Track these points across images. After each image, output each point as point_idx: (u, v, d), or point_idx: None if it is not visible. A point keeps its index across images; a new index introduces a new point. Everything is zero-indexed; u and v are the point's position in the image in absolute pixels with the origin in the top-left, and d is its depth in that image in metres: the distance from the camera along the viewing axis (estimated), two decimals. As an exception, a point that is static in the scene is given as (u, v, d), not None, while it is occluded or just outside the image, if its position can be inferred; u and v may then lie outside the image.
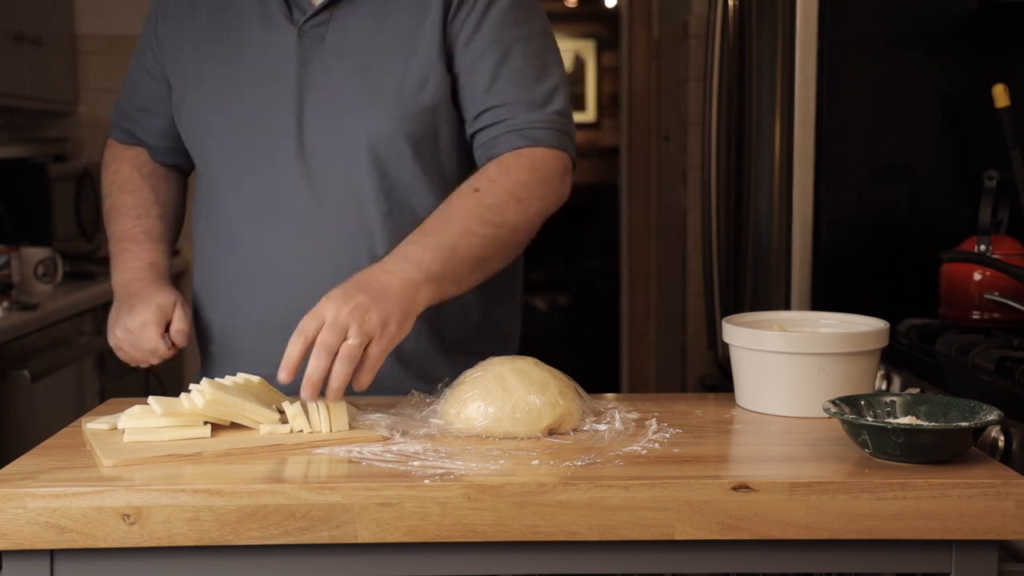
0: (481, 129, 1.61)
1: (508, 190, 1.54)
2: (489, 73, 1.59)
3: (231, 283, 1.67)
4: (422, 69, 1.58)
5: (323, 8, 1.59)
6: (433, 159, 1.62)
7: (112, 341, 1.65)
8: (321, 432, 1.33)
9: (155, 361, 1.64)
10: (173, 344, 1.62)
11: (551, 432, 1.34)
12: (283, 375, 1.34)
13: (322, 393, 1.33)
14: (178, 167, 1.83)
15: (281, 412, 1.37)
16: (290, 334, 1.37)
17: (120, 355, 1.66)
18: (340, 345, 1.35)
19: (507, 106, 1.59)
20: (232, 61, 1.63)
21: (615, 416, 1.39)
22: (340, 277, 1.46)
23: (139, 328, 1.60)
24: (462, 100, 1.62)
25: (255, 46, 1.62)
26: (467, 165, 1.64)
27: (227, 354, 1.70)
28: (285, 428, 1.34)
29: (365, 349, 1.36)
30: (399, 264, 1.45)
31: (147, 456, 1.24)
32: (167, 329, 1.61)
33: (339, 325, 1.35)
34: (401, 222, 1.59)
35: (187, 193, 1.85)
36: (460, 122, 1.63)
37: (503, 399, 1.33)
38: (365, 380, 1.37)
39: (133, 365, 1.68)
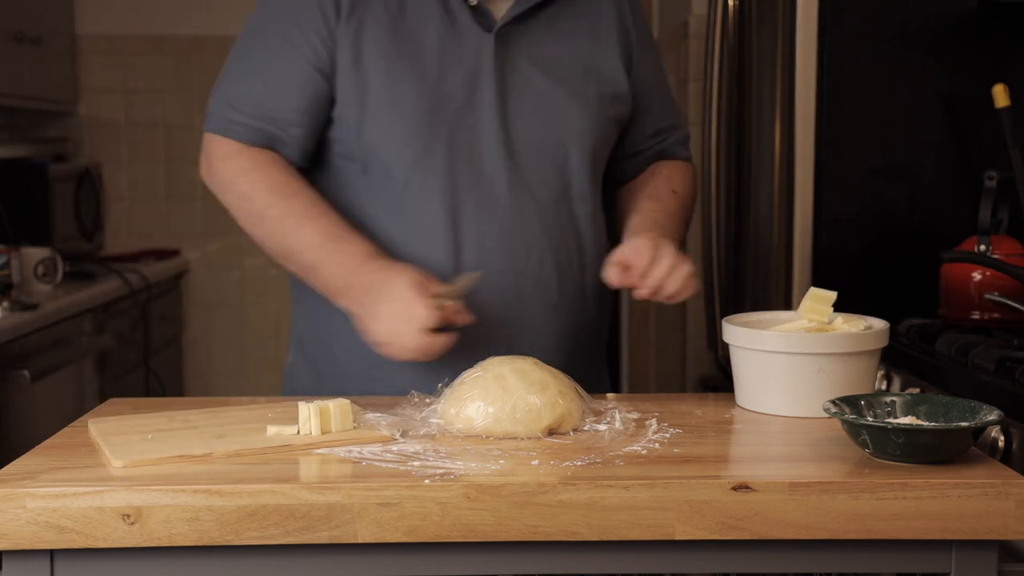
0: (655, 137, 1.80)
1: (691, 199, 1.80)
2: (658, 88, 1.79)
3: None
4: (611, 76, 1.71)
5: (512, 20, 1.63)
6: (606, 160, 1.75)
7: (379, 338, 1.50)
8: (331, 432, 1.33)
9: (433, 347, 1.48)
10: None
11: (551, 432, 1.34)
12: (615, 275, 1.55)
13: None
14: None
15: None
16: (507, 331, 1.60)
17: (391, 351, 1.51)
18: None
19: (674, 119, 1.83)
20: (424, 62, 1.60)
21: (615, 416, 1.39)
22: (551, 276, 1.64)
23: (423, 309, 1.46)
24: (642, 108, 1.77)
25: (450, 49, 1.61)
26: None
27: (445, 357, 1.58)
28: (292, 429, 1.34)
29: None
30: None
31: (157, 457, 1.24)
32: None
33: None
34: (599, 221, 1.72)
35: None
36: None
37: (503, 399, 1.33)
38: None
39: (407, 358, 1.50)
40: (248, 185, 1.60)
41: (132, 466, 1.22)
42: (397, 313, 1.47)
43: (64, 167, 3.67)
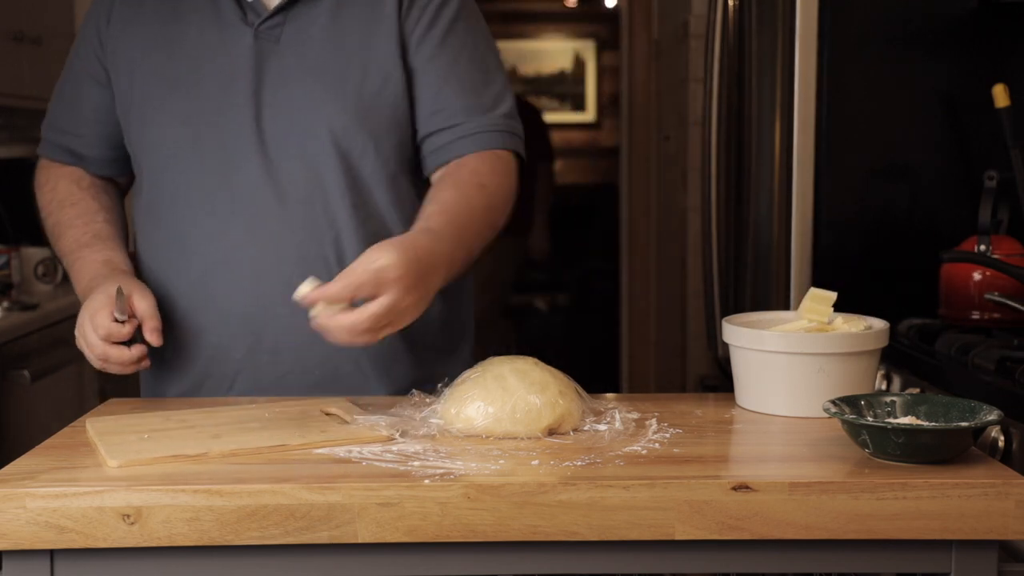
0: (434, 132, 1.65)
1: (503, 196, 1.64)
2: (440, 77, 1.64)
3: (191, 286, 1.65)
4: (382, 67, 1.62)
5: (278, 10, 1.61)
6: (399, 153, 1.65)
7: (85, 352, 1.57)
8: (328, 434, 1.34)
9: (123, 360, 1.53)
10: (130, 321, 1.53)
11: (551, 432, 1.34)
12: (302, 296, 1.36)
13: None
14: (114, 181, 1.80)
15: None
16: (250, 327, 1.57)
17: (95, 364, 1.56)
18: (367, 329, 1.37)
19: (458, 111, 1.64)
20: (185, 62, 1.63)
21: (615, 416, 1.39)
22: (303, 270, 1.51)
23: (89, 319, 1.54)
24: (414, 99, 1.65)
25: (209, 47, 1.62)
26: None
27: (186, 358, 1.67)
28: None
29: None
30: (441, 245, 1.48)
31: (152, 456, 1.24)
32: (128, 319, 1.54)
33: (384, 320, 1.37)
34: (366, 215, 1.62)
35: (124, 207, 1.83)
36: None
37: (503, 399, 1.33)
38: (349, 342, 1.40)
39: (110, 371, 1.56)
40: (41, 196, 1.77)
41: (127, 466, 1.22)
42: (82, 325, 1.56)
43: (64, 167, 3.66)
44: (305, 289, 1.37)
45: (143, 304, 1.55)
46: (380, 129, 1.63)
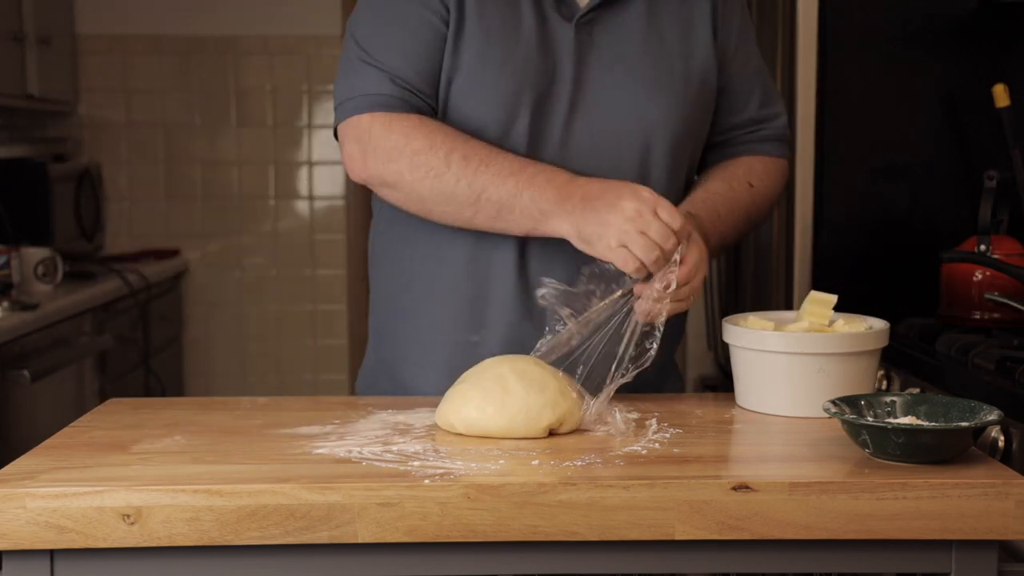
0: (732, 138, 1.74)
1: (769, 197, 1.73)
2: (748, 88, 1.73)
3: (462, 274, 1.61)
4: (701, 67, 1.65)
5: (592, 8, 1.59)
6: (696, 151, 1.70)
7: (626, 226, 1.44)
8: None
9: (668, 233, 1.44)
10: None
11: (551, 432, 1.34)
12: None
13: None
14: None
15: None
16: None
17: (629, 249, 1.44)
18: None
19: (755, 120, 1.74)
20: (510, 43, 1.57)
21: (615, 416, 1.39)
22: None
23: (651, 199, 1.45)
24: (721, 103, 1.70)
25: (533, 34, 1.58)
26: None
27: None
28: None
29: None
30: (699, 227, 1.55)
31: None
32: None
33: (694, 293, 1.49)
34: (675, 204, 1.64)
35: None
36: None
37: (503, 399, 1.33)
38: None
39: (654, 259, 1.44)
40: (423, 139, 1.54)
41: None
42: (634, 195, 1.44)
43: (64, 167, 3.67)
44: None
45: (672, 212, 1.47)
46: (696, 128, 1.66)
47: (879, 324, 1.49)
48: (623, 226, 1.43)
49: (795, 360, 1.42)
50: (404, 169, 1.54)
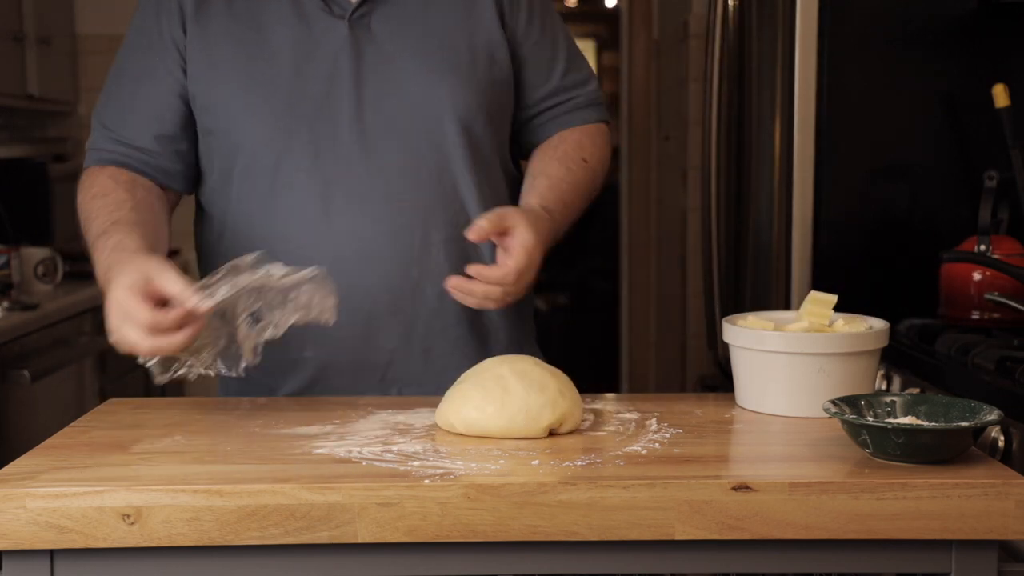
0: (544, 110, 1.72)
1: (603, 167, 1.73)
2: (547, 58, 1.71)
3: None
4: (487, 45, 1.65)
5: (364, 0, 1.59)
6: (502, 126, 1.69)
7: (111, 339, 1.39)
8: None
9: (165, 343, 1.34)
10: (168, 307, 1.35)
11: (551, 432, 1.34)
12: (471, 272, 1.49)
13: None
14: (165, 190, 1.68)
15: None
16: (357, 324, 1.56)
17: (123, 349, 1.38)
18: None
19: (564, 88, 1.72)
20: (273, 58, 1.58)
21: (615, 416, 1.39)
22: (441, 259, 1.60)
23: (122, 315, 1.35)
24: (520, 78, 1.69)
25: (298, 42, 1.58)
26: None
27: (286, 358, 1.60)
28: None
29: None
30: (553, 225, 1.59)
31: None
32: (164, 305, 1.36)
33: (523, 285, 1.52)
34: (490, 194, 1.65)
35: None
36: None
37: (503, 399, 1.33)
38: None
39: (144, 356, 1.37)
40: (80, 196, 1.67)
41: None
42: (118, 306, 1.35)
43: (64, 167, 3.67)
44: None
45: (171, 283, 1.34)
46: (494, 107, 1.65)
47: (879, 324, 1.49)
48: (112, 318, 1.36)
49: (795, 360, 1.42)
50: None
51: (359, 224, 1.59)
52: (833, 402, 1.29)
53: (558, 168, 1.66)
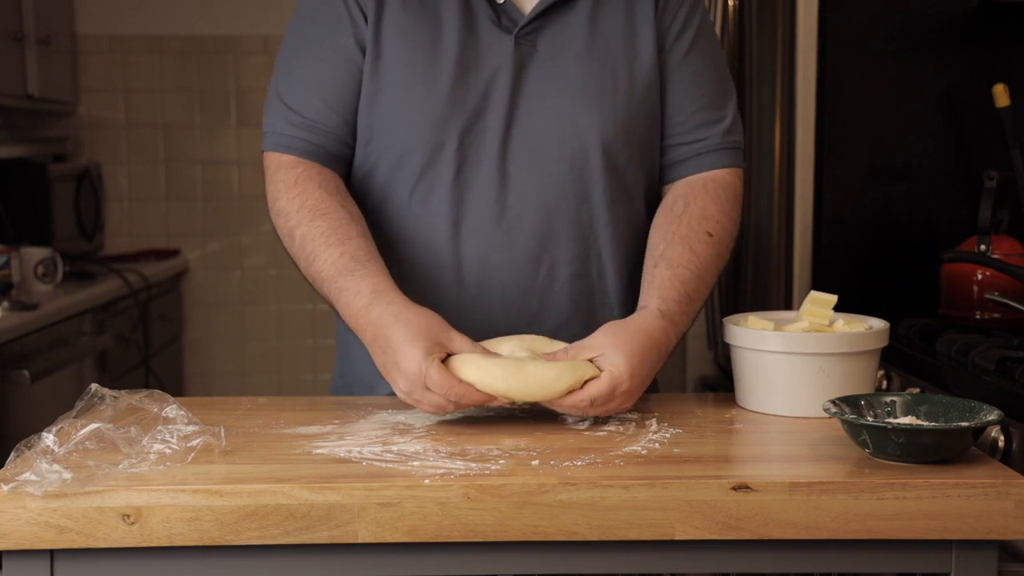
0: (678, 144, 1.61)
1: (730, 234, 1.58)
2: (688, 85, 1.60)
3: (438, 294, 1.56)
4: (645, 75, 1.57)
5: (535, 17, 1.55)
6: (648, 160, 1.61)
7: (404, 399, 1.39)
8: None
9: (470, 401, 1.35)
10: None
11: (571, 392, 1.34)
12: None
13: None
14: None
15: None
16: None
17: (424, 410, 1.38)
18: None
19: (700, 125, 1.60)
20: (437, 60, 1.54)
21: (615, 416, 1.39)
22: (563, 291, 1.55)
23: (418, 376, 1.35)
24: (667, 101, 1.60)
25: (464, 49, 1.54)
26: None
27: None
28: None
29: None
30: (674, 332, 1.47)
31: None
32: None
33: (615, 406, 1.37)
34: (624, 232, 1.59)
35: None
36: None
37: (518, 363, 1.33)
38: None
39: (444, 414, 1.40)
40: (288, 200, 1.55)
41: None
42: (419, 375, 1.35)
43: (64, 167, 3.67)
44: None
45: (461, 347, 1.38)
46: (643, 138, 1.58)
47: (879, 324, 1.49)
48: (401, 394, 1.38)
49: (795, 360, 1.42)
50: (272, 218, 1.60)
51: (487, 247, 1.55)
52: (833, 402, 1.29)
53: (681, 252, 1.52)
